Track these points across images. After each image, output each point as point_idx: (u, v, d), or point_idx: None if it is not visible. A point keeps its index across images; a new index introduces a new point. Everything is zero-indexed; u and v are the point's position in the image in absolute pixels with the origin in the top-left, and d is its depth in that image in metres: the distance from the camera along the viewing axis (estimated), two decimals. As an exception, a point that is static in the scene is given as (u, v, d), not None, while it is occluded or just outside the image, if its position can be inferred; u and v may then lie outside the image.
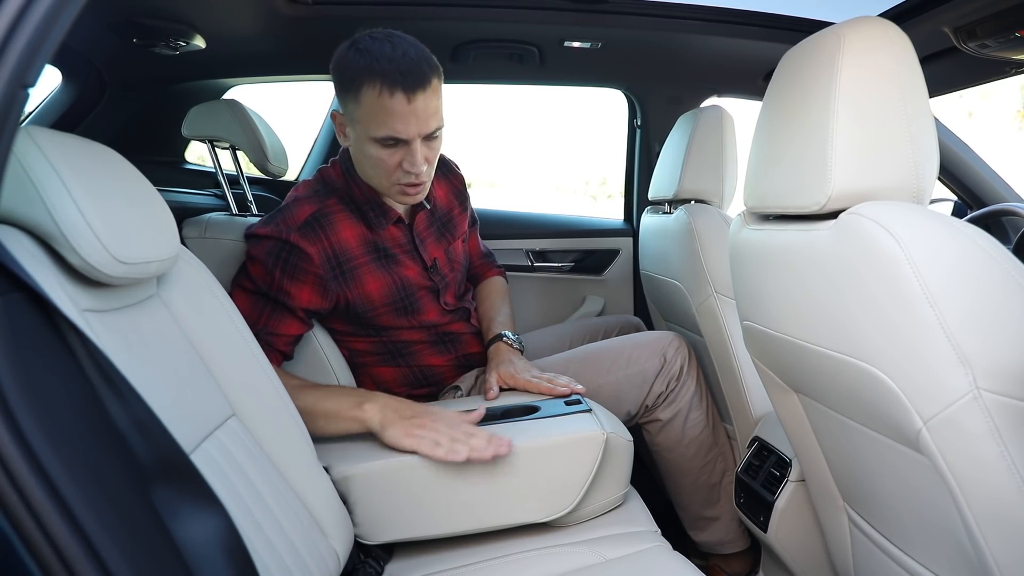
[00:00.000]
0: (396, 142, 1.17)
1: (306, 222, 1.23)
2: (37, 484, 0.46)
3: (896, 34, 0.78)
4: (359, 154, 1.23)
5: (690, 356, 1.46)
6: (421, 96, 1.13)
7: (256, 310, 1.21)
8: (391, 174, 1.20)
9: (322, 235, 1.24)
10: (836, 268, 0.76)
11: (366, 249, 1.29)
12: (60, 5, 0.49)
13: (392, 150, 1.18)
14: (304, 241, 1.21)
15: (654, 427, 1.46)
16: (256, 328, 1.13)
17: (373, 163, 1.20)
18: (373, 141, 1.17)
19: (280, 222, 1.22)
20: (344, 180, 1.30)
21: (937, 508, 0.76)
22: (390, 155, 1.18)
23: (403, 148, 1.18)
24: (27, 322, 0.52)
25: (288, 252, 1.21)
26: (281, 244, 1.21)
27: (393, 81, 1.11)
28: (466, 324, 1.46)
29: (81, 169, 0.68)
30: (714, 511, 1.49)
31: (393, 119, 1.13)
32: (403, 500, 1.05)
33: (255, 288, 1.22)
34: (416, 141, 1.17)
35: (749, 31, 1.70)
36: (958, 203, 1.92)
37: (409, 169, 1.19)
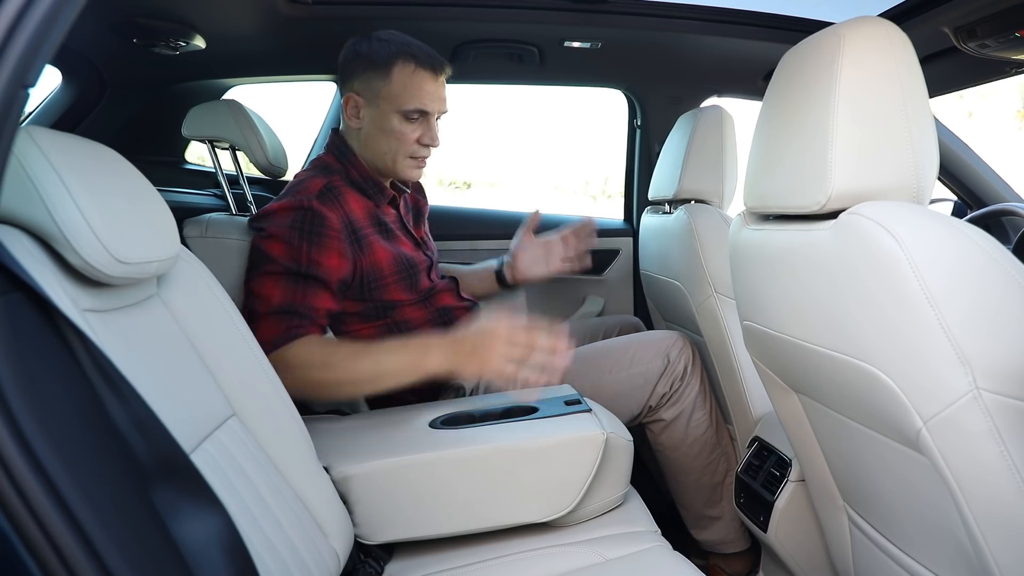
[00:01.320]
0: (420, 115, 1.32)
1: (321, 191, 1.28)
2: (37, 484, 0.46)
3: (896, 34, 0.78)
4: (377, 131, 1.34)
5: (694, 356, 1.46)
6: (442, 78, 1.34)
7: (289, 290, 1.21)
8: (409, 147, 1.34)
9: (337, 203, 1.29)
10: (836, 268, 0.76)
11: (371, 221, 1.35)
12: (60, 5, 0.49)
13: (414, 124, 1.32)
14: (324, 208, 1.25)
15: (657, 426, 1.47)
16: (293, 306, 1.19)
17: (395, 137, 1.33)
18: (399, 115, 1.31)
19: (296, 194, 1.27)
20: (340, 163, 1.38)
21: (937, 508, 0.76)
22: (412, 129, 1.33)
23: (423, 123, 1.33)
24: (27, 322, 0.52)
25: (311, 220, 1.23)
26: (303, 212, 1.23)
27: (424, 61, 1.30)
28: (454, 297, 1.50)
29: (81, 169, 0.68)
30: (716, 510, 1.49)
31: (423, 93, 1.30)
32: (403, 500, 1.05)
33: (283, 269, 1.22)
34: (434, 116, 1.34)
35: (749, 31, 1.70)
36: (958, 203, 1.92)
37: (428, 143, 1.35)
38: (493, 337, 1.10)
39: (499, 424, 1.15)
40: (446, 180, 9.51)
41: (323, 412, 1.38)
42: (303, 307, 1.21)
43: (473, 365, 1.10)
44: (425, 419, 1.20)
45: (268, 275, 1.22)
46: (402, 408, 1.31)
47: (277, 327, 1.18)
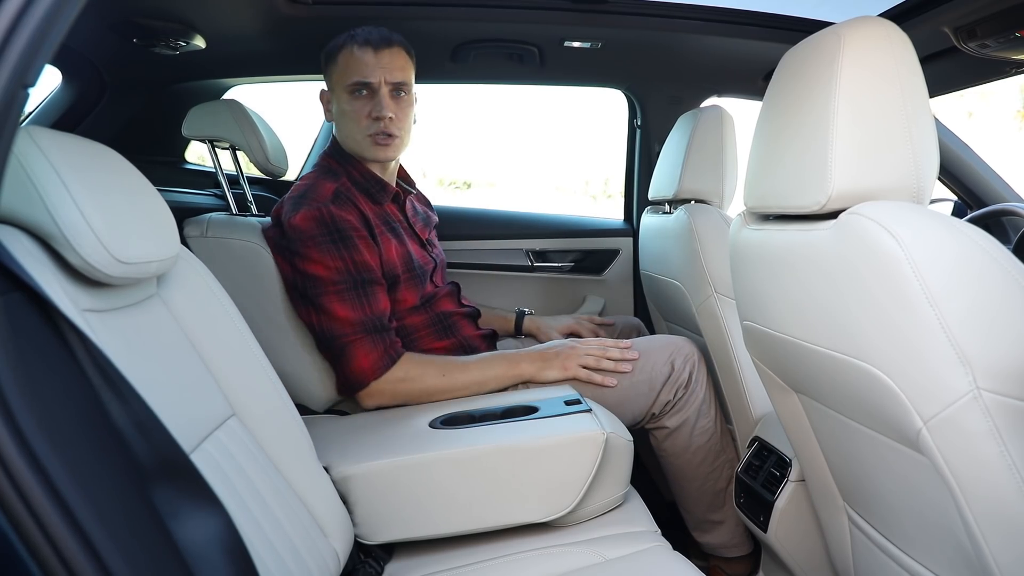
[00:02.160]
0: (364, 87, 1.36)
1: (335, 195, 1.32)
2: (37, 484, 0.46)
3: (896, 34, 0.78)
4: (339, 117, 1.41)
5: (700, 363, 1.44)
6: (387, 52, 1.36)
7: (357, 303, 1.27)
8: (362, 123, 1.37)
9: (349, 205, 1.33)
10: (836, 268, 0.76)
11: (381, 220, 1.40)
12: (60, 5, 0.49)
13: (362, 100, 1.37)
14: (341, 211, 1.30)
15: (661, 433, 1.45)
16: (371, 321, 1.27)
17: (349, 117, 1.38)
18: (346, 94, 1.37)
19: (312, 201, 1.30)
20: (341, 165, 1.42)
21: (937, 508, 0.76)
22: (362, 105, 1.37)
23: (371, 98, 1.37)
24: (27, 322, 0.52)
25: (335, 226, 1.28)
26: (323, 220, 1.28)
27: (362, 39, 1.36)
28: (454, 303, 1.54)
29: (81, 169, 0.68)
30: (719, 515, 1.48)
31: (360, 66, 1.35)
32: (403, 500, 1.05)
33: (342, 286, 1.27)
34: (383, 88, 1.36)
35: (749, 31, 1.69)
36: (958, 203, 1.91)
37: (377, 115, 1.36)
38: (573, 348, 1.37)
39: (499, 424, 1.15)
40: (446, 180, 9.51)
41: (323, 412, 1.38)
42: (379, 318, 1.29)
43: (556, 369, 1.35)
44: (425, 419, 1.20)
45: (331, 296, 1.27)
46: (402, 408, 1.31)
47: (374, 351, 1.27)
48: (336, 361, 1.30)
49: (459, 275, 2.11)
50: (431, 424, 1.18)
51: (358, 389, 1.28)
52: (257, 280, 1.33)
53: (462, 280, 1.91)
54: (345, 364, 1.28)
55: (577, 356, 1.36)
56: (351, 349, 1.26)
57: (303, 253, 1.28)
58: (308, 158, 2.22)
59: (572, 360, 1.36)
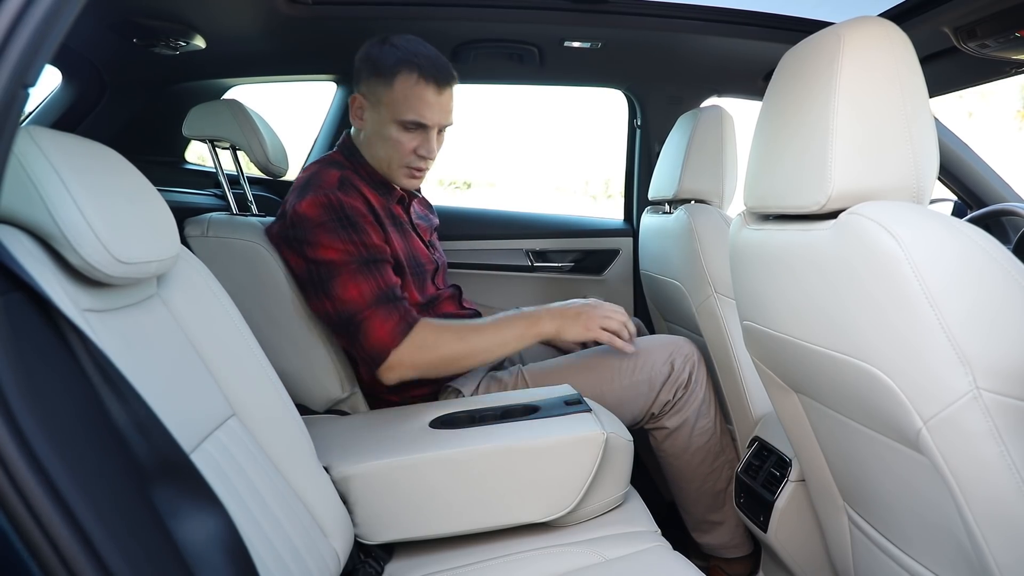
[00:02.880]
0: (418, 127, 1.33)
1: (340, 182, 1.30)
2: (37, 484, 0.46)
3: (896, 34, 0.78)
4: (376, 136, 1.36)
5: (699, 363, 1.44)
6: (447, 92, 1.34)
7: (370, 279, 1.25)
8: (405, 156, 1.35)
9: (355, 192, 1.31)
10: (836, 268, 0.76)
11: (386, 214, 1.38)
12: (60, 5, 0.49)
13: (412, 134, 1.34)
14: (347, 197, 1.28)
15: (660, 434, 1.45)
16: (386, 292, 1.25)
17: (391, 144, 1.34)
18: (397, 124, 1.32)
19: (317, 188, 1.28)
20: (348, 162, 1.40)
21: (937, 508, 0.76)
22: (409, 139, 1.34)
23: (421, 134, 1.34)
24: (27, 322, 0.52)
25: (342, 210, 1.26)
26: (331, 206, 1.26)
27: (428, 73, 1.30)
28: (455, 305, 1.53)
29: (81, 169, 0.68)
30: (719, 516, 1.48)
31: (422, 105, 1.31)
32: (403, 500, 1.05)
33: (353, 266, 1.25)
34: (434, 129, 1.35)
35: (749, 31, 1.69)
36: (958, 203, 1.91)
37: (424, 155, 1.35)
38: (595, 308, 1.33)
39: (499, 424, 1.15)
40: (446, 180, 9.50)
41: (323, 412, 1.38)
42: (391, 289, 1.27)
43: (578, 328, 1.31)
44: (425, 419, 1.20)
45: (344, 276, 1.25)
46: (402, 408, 1.31)
47: (389, 320, 1.24)
48: (354, 340, 1.26)
49: (459, 275, 2.11)
50: (431, 424, 1.18)
51: (380, 362, 1.24)
52: (258, 280, 1.33)
53: (462, 280, 1.91)
54: (363, 339, 1.24)
55: (600, 316, 1.32)
56: (367, 323, 1.23)
57: (312, 240, 1.25)
58: (308, 158, 2.22)
59: (594, 321, 1.31)
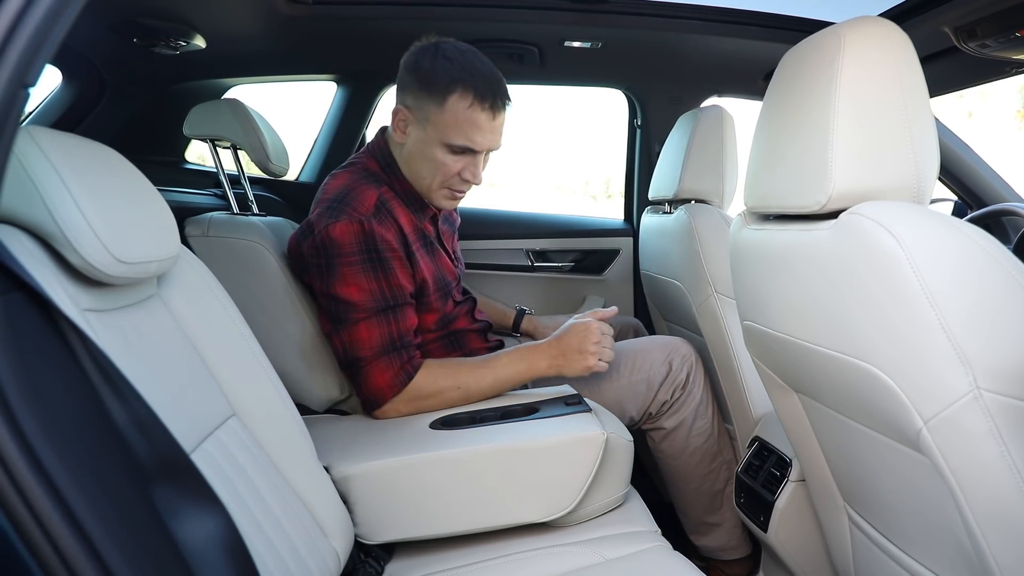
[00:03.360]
0: (466, 151, 1.25)
1: (376, 207, 1.23)
2: (37, 484, 0.46)
3: (896, 34, 0.78)
4: (418, 153, 1.27)
5: (697, 364, 1.44)
6: (501, 116, 1.26)
7: (384, 326, 1.22)
8: (448, 179, 1.28)
9: (390, 220, 1.25)
10: (836, 268, 0.76)
11: (417, 236, 1.33)
12: (60, 5, 0.49)
13: (459, 157, 1.26)
14: (381, 228, 1.22)
15: (658, 434, 1.45)
16: (394, 341, 1.22)
17: (435, 165, 1.26)
18: (445, 146, 1.24)
19: (354, 211, 1.20)
20: (385, 175, 1.32)
21: (937, 508, 0.76)
22: (455, 161, 1.26)
23: (469, 158, 1.26)
24: (27, 322, 0.52)
25: (374, 245, 1.21)
26: (364, 236, 1.20)
27: (484, 96, 1.21)
28: (469, 320, 1.49)
29: (81, 169, 0.68)
30: (716, 517, 1.48)
31: (475, 131, 1.23)
32: (403, 500, 1.05)
33: (373, 310, 1.21)
34: (483, 153, 1.28)
35: (749, 31, 1.69)
36: (958, 203, 1.91)
37: (470, 179, 1.29)
38: (588, 338, 1.27)
39: (499, 424, 1.15)
40: (446, 180, 9.46)
41: (323, 412, 1.38)
42: (403, 336, 1.24)
43: (579, 367, 1.27)
44: (425, 419, 1.20)
45: (360, 322, 1.22)
46: (402, 408, 1.31)
47: (389, 369, 1.22)
48: (354, 379, 1.26)
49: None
50: (431, 425, 1.18)
51: (375, 407, 1.24)
52: (258, 280, 1.32)
53: (462, 280, 1.91)
54: (363, 382, 1.23)
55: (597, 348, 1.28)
56: (368, 369, 1.22)
57: (338, 273, 1.21)
58: (308, 158, 2.22)
59: (593, 357, 1.27)
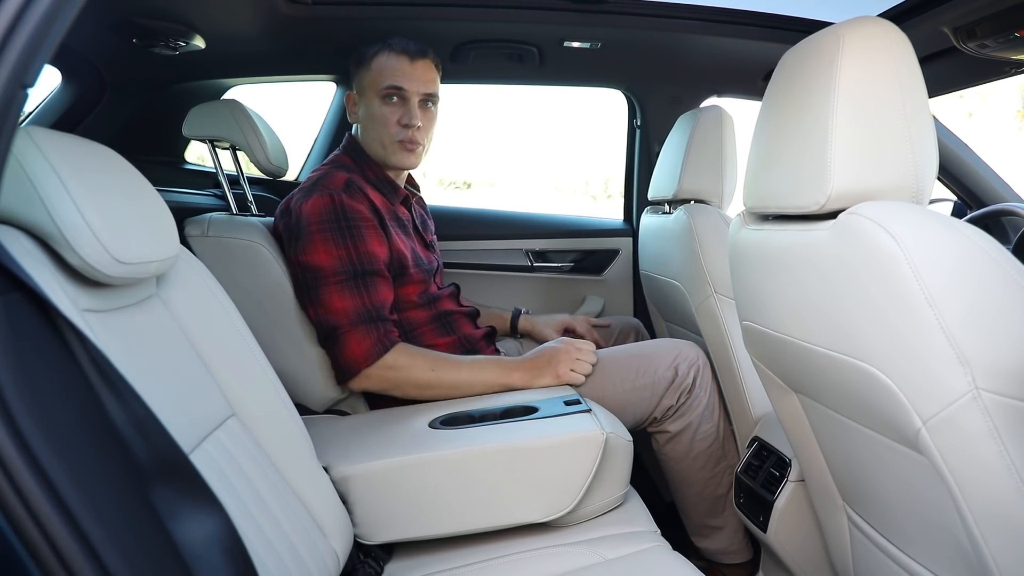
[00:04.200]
0: (397, 93, 1.40)
1: (346, 184, 1.34)
2: (36, 484, 0.46)
3: (896, 34, 0.78)
4: (367, 120, 1.44)
5: (704, 368, 1.43)
6: (421, 62, 1.42)
7: (357, 294, 1.28)
8: (392, 129, 1.41)
9: (361, 195, 1.35)
10: (835, 268, 0.76)
11: (390, 216, 1.42)
12: (60, 5, 0.49)
13: (393, 107, 1.41)
14: (351, 200, 1.32)
15: (662, 437, 1.44)
16: (369, 311, 1.27)
17: (378, 121, 1.42)
18: (379, 98, 1.41)
19: (323, 188, 1.32)
20: (356, 163, 1.45)
21: (936, 508, 0.76)
22: (392, 111, 1.41)
23: (403, 105, 1.41)
24: (26, 322, 0.52)
25: (343, 213, 1.30)
26: (333, 206, 1.29)
27: (399, 48, 1.41)
28: (454, 302, 1.56)
29: (80, 169, 0.68)
30: (718, 521, 1.47)
31: (396, 73, 1.40)
32: (403, 500, 1.05)
33: (342, 276, 1.28)
34: (414, 98, 1.41)
35: (749, 31, 1.69)
36: (958, 203, 1.91)
37: (407, 123, 1.40)
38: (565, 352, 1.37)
39: (498, 424, 1.15)
40: (446, 180, 9.50)
41: (323, 412, 1.38)
42: (378, 308, 1.29)
43: (548, 377, 1.35)
44: (425, 419, 1.20)
45: (331, 287, 1.28)
46: (402, 408, 1.31)
47: (367, 339, 1.27)
48: (331, 350, 1.30)
49: (459, 275, 2.11)
50: (431, 424, 1.18)
51: (349, 376, 1.29)
52: (257, 280, 1.33)
53: (462, 280, 1.91)
54: (338, 352, 1.28)
55: (568, 360, 1.36)
56: (345, 338, 1.27)
57: (307, 240, 1.29)
58: (308, 158, 2.22)
59: (564, 366, 1.35)
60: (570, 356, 1.36)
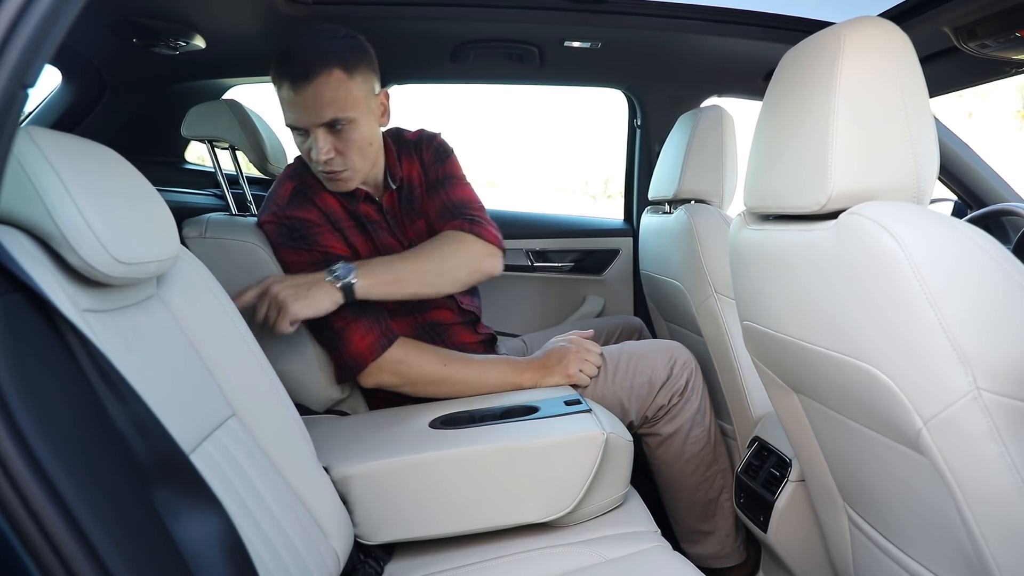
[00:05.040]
0: (297, 130, 1.26)
1: (292, 195, 1.31)
2: (36, 484, 0.46)
3: (896, 34, 0.78)
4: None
5: (696, 371, 1.43)
6: (307, 87, 1.19)
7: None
8: (309, 160, 1.29)
9: (308, 203, 1.31)
10: (836, 268, 0.76)
11: (348, 215, 1.36)
12: (60, 5, 0.49)
13: (302, 138, 1.27)
14: (299, 211, 1.29)
15: (654, 440, 1.43)
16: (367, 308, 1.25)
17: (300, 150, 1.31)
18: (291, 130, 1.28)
19: (271, 204, 1.32)
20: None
21: (937, 508, 0.76)
22: (302, 142, 1.28)
23: (304, 137, 1.26)
24: (26, 322, 0.52)
25: (291, 227, 1.28)
26: (281, 225, 1.28)
27: (282, 75, 1.22)
28: (454, 314, 1.44)
29: (81, 169, 0.68)
30: (709, 526, 1.47)
31: (287, 108, 1.24)
32: (403, 500, 1.05)
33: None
34: (316, 131, 1.23)
35: (749, 31, 1.69)
36: (958, 203, 1.91)
37: (313, 157, 1.26)
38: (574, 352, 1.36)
39: (499, 424, 1.15)
40: (446, 180, 9.48)
41: (323, 412, 1.38)
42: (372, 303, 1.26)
43: (557, 376, 1.34)
44: (425, 419, 1.20)
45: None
46: (402, 408, 1.31)
47: (370, 333, 1.25)
48: (333, 349, 1.27)
49: (459, 275, 2.11)
50: (431, 424, 1.18)
51: (357, 372, 1.26)
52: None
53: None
54: (342, 349, 1.25)
55: (578, 360, 1.36)
56: (346, 333, 1.24)
57: (278, 256, 1.30)
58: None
59: (573, 366, 1.35)
60: (579, 356, 1.37)
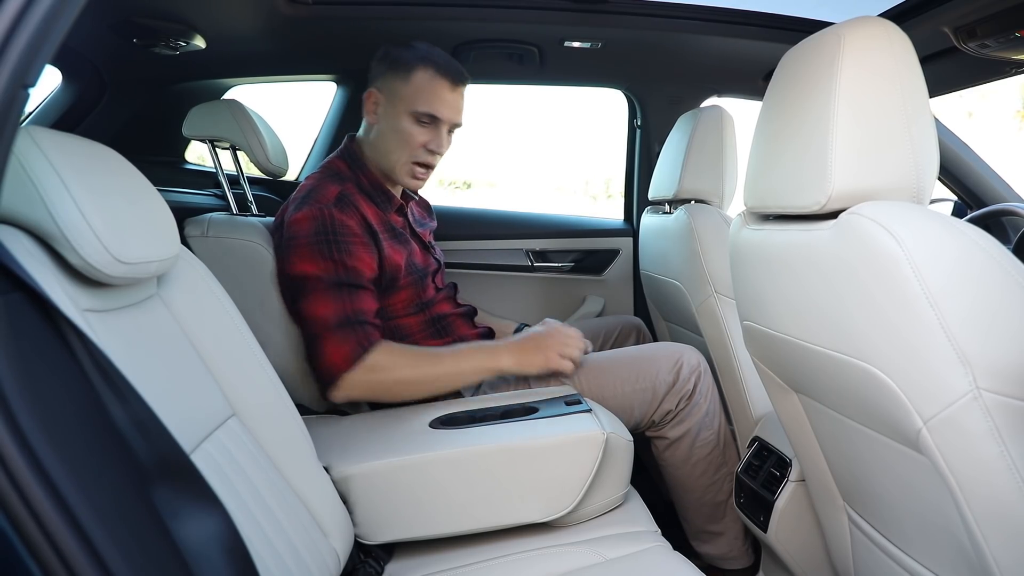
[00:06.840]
0: (431, 120, 1.37)
1: (338, 198, 1.32)
2: (37, 484, 0.46)
3: (896, 34, 0.78)
4: (389, 129, 1.39)
5: (705, 374, 1.42)
6: (460, 90, 1.40)
7: (338, 301, 1.26)
8: (414, 151, 1.38)
9: (353, 209, 1.32)
10: (836, 268, 0.76)
11: (384, 227, 1.39)
12: (60, 5, 0.49)
13: (424, 128, 1.37)
14: (342, 215, 1.30)
15: (661, 443, 1.43)
16: (350, 317, 1.24)
17: (402, 138, 1.37)
18: (411, 116, 1.36)
19: (315, 201, 1.30)
20: (351, 171, 1.42)
21: (937, 508, 0.76)
22: (420, 132, 1.37)
23: (433, 129, 1.38)
24: (27, 322, 0.52)
25: (332, 227, 1.28)
26: (323, 220, 1.28)
27: (445, 70, 1.36)
28: (451, 304, 1.53)
29: (81, 169, 0.68)
30: (718, 527, 1.46)
31: (437, 100, 1.36)
32: (403, 500, 1.05)
33: (324, 284, 1.26)
34: (445, 126, 1.39)
35: (749, 31, 1.70)
36: (958, 203, 1.91)
37: (434, 149, 1.39)
38: (553, 336, 1.36)
39: (499, 424, 1.15)
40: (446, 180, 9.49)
41: (323, 412, 1.38)
42: (359, 314, 1.26)
43: (539, 361, 1.33)
44: (425, 419, 1.20)
45: (313, 294, 1.25)
46: (402, 408, 1.31)
47: (347, 342, 1.24)
48: (311, 357, 1.27)
49: (459, 275, 2.11)
50: (431, 424, 1.18)
51: (330, 383, 1.24)
52: (258, 280, 1.33)
53: (462, 280, 1.91)
54: (317, 359, 1.25)
55: (559, 345, 1.35)
56: (322, 343, 1.23)
57: (295, 251, 1.27)
58: (308, 158, 2.22)
59: (554, 351, 1.34)
60: (557, 341, 1.35)
